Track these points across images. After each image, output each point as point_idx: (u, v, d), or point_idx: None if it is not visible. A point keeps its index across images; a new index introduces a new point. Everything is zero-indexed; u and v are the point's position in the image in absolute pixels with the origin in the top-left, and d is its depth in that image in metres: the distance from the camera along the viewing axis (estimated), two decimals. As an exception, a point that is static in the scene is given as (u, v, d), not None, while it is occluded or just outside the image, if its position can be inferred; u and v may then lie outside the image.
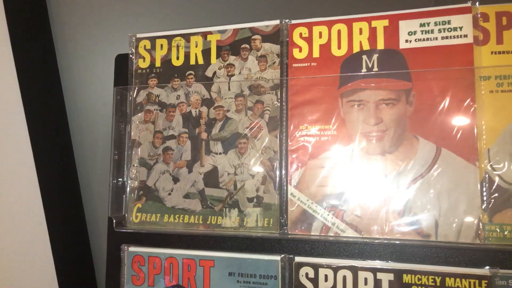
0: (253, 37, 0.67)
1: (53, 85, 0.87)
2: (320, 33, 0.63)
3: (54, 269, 0.80)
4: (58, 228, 0.82)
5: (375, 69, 0.60)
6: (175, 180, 0.68)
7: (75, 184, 0.89)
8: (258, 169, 0.64)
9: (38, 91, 0.83)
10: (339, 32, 0.62)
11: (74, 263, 0.85)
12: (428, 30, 0.59)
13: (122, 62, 0.73)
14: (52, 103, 0.86)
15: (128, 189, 0.70)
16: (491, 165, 0.55)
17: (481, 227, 0.54)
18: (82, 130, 0.86)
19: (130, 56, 0.72)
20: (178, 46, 0.70)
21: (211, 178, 0.66)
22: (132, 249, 0.68)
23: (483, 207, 0.54)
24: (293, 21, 0.65)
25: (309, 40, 0.63)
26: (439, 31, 0.58)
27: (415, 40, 0.59)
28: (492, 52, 0.56)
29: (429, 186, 0.57)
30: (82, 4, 0.82)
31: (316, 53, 0.63)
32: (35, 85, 0.83)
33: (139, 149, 0.71)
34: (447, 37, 0.58)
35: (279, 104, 0.64)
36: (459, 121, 0.56)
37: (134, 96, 0.72)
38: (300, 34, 0.64)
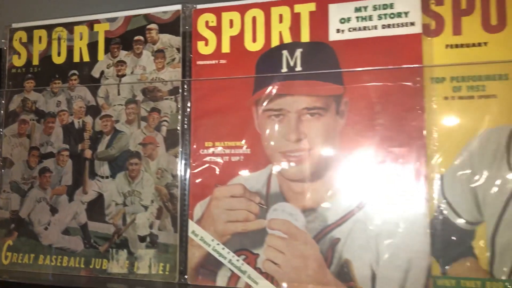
0: (148, 26, 0.52)
1: None
2: (231, 22, 0.49)
3: None
4: None
5: (298, 68, 0.46)
6: (53, 210, 0.53)
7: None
8: (152, 198, 0.49)
9: None
10: (254, 20, 0.48)
11: None
12: (366, 17, 0.44)
13: (-4, 59, 0.58)
14: None
15: (-3, 221, 0.55)
16: (445, 199, 0.41)
17: (431, 282, 0.40)
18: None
19: (4, 50, 0.57)
20: (59, 39, 0.55)
21: (96, 209, 0.51)
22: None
23: (434, 255, 0.40)
24: (198, 6, 0.50)
25: (217, 30, 0.49)
26: (379, 17, 0.44)
27: (349, 29, 0.45)
28: (447, 46, 0.42)
29: (365, 226, 0.42)
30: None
31: (226, 48, 0.49)
32: None
33: (11, 170, 0.55)
34: (389, 26, 0.44)
35: (180, 114, 0.49)
36: (404, 138, 0.42)
37: (7, 102, 0.57)
38: (207, 22, 0.50)
